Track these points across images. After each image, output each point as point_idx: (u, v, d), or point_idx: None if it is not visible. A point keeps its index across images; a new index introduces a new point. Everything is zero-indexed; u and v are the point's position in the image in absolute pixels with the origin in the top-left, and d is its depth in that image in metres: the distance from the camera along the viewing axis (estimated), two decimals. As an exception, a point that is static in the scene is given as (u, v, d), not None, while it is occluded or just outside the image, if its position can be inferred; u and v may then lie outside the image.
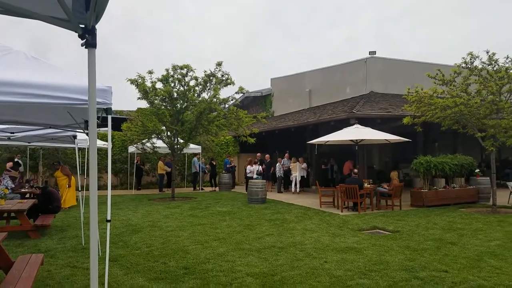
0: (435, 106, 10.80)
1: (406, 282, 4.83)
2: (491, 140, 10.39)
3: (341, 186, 11.24)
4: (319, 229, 8.30)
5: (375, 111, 13.74)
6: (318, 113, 16.88)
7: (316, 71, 20.72)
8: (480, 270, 5.28)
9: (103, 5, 2.14)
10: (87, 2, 2.21)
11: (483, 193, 12.34)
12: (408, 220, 9.27)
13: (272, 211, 11.05)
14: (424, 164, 11.92)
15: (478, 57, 10.38)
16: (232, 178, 18.58)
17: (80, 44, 2.37)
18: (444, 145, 17.25)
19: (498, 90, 10.12)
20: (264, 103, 25.09)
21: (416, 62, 17.54)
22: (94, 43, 2.36)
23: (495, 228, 8.11)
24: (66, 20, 2.24)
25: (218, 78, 13.39)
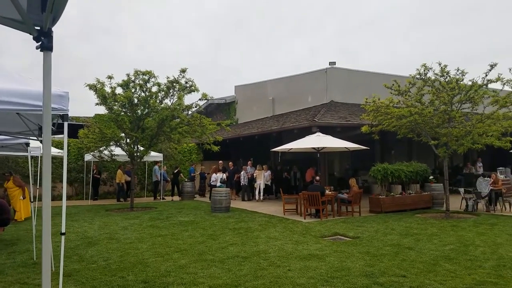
0: (391, 115, 11.26)
1: (367, 288, 4.94)
2: (443, 148, 10.97)
3: (303, 193, 11.40)
4: (282, 237, 8.33)
5: (336, 119, 14.12)
6: (281, 121, 17.09)
7: (278, 79, 21.03)
8: (436, 274, 5.51)
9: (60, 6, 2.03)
10: (43, 3, 2.09)
11: (437, 199, 12.98)
12: (367, 226, 9.54)
13: (236, 219, 10.97)
14: (381, 171, 12.38)
15: (431, 68, 10.96)
16: (201, 185, 18.32)
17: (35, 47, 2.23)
18: (400, 153, 18.02)
19: (449, 100, 10.73)
20: (228, 110, 25.06)
21: (374, 73, 18.26)
22: (50, 46, 2.23)
23: (448, 233, 8.53)
24: (20, 22, 2.10)
25: (181, 85, 13.20)
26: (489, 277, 5.28)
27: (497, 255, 6.42)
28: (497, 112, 10.86)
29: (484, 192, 12.11)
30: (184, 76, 13.07)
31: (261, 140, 17.74)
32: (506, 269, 5.63)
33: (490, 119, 10.70)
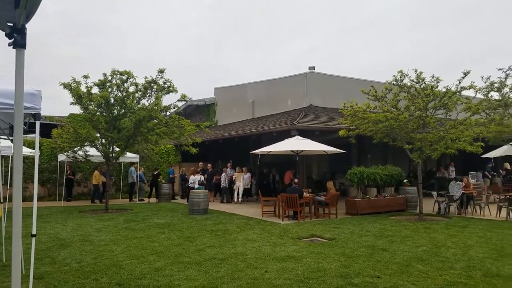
0: (368, 120, 11.50)
1: (343, 289, 5.02)
2: (418, 153, 11.27)
3: (282, 196, 11.47)
4: (260, 239, 8.35)
5: (314, 123, 14.30)
6: (261, 124, 17.15)
7: (259, 83, 21.11)
8: (409, 275, 5.65)
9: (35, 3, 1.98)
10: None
11: (410, 201, 13.32)
12: (343, 228, 9.68)
13: (213, 222, 10.92)
14: (358, 175, 12.62)
15: (407, 75, 11.26)
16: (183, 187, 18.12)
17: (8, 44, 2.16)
18: (376, 157, 18.41)
19: (424, 106, 11.05)
20: (208, 112, 24.94)
21: (352, 78, 18.59)
22: (23, 43, 2.17)
23: (421, 235, 8.76)
24: (-9, 17, 2.04)
25: (159, 85, 13.05)
26: (459, 277, 5.46)
27: (468, 257, 6.64)
28: (470, 118, 11.26)
29: (456, 195, 12.51)
30: (162, 76, 12.93)
31: (241, 143, 17.75)
32: (476, 270, 5.83)
33: (463, 125, 11.09)
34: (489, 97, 13.94)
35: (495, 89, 13.83)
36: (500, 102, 13.68)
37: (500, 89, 13.76)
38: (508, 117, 13.65)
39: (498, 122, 13.26)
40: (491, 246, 7.46)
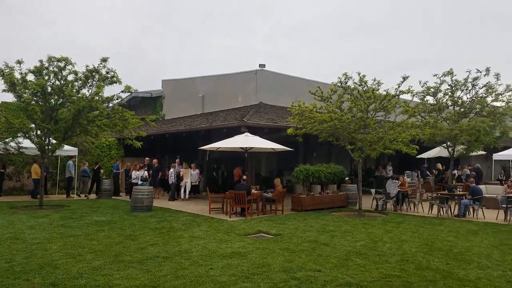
0: (314, 119, 11.83)
1: (285, 283, 5.12)
2: (358, 152, 11.82)
3: (230, 192, 11.46)
4: (206, 236, 8.27)
5: (264, 121, 14.43)
6: (210, 119, 16.97)
7: (209, 77, 20.86)
8: (348, 268, 5.91)
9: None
10: None
11: (351, 198, 13.94)
12: (288, 224, 9.90)
13: (158, 219, 10.61)
14: (304, 172, 12.98)
15: (351, 77, 11.75)
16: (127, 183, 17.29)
17: None
18: (321, 155, 19.03)
19: (366, 108, 11.60)
20: (154, 105, 24.18)
21: (300, 78, 19.04)
22: None
23: (360, 230, 9.20)
24: None
25: (102, 75, 12.37)
26: (394, 271, 5.80)
27: (402, 251, 7.08)
28: (407, 121, 12.02)
29: (393, 193, 13.31)
30: (105, 65, 12.28)
31: (189, 138, 17.44)
32: (409, 263, 6.23)
33: (400, 127, 11.79)
34: (424, 101, 14.95)
35: (431, 94, 14.87)
36: (435, 106, 14.74)
37: (435, 94, 14.82)
38: (441, 121, 14.74)
39: (432, 125, 14.27)
40: (423, 241, 8.02)
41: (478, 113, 14.41)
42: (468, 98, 14.57)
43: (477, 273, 5.64)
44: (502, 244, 7.69)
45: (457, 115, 14.50)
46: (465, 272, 5.71)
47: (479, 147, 14.58)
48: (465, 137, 13.92)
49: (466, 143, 14.48)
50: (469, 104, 14.47)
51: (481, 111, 14.33)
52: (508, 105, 14.17)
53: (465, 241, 8.00)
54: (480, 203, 11.79)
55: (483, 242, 7.85)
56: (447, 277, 5.47)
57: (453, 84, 14.50)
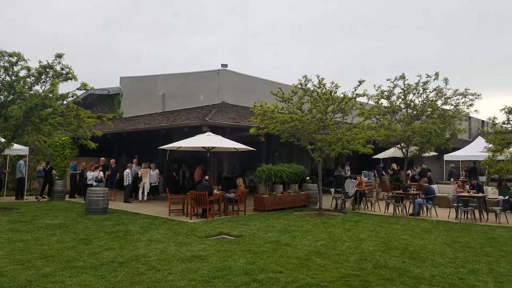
0: (276, 120, 11.92)
1: (246, 286, 5.06)
2: (318, 152, 12.03)
3: (191, 193, 11.24)
4: (165, 239, 8.03)
5: (226, 120, 14.31)
6: (171, 118, 16.57)
7: (170, 75, 20.39)
8: (309, 268, 5.95)
9: None
10: None
11: (312, 197, 14.17)
12: (251, 225, 9.86)
13: (114, 222, 10.19)
14: (266, 172, 13.01)
15: (310, 80, 11.97)
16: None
17: None
18: (283, 155, 19.21)
19: (324, 110, 11.85)
20: (112, 103, 23.28)
21: (262, 79, 19.09)
22: None
23: (321, 229, 9.35)
24: None
25: (56, 71, 11.70)
26: (353, 270, 5.92)
27: (360, 250, 7.25)
28: (363, 122, 12.41)
29: (351, 192, 13.67)
30: (60, 61, 11.63)
31: (149, 137, 16.93)
32: (367, 262, 6.38)
33: (357, 128, 12.17)
34: (379, 104, 15.54)
35: (385, 97, 15.47)
36: (389, 109, 15.35)
37: (389, 97, 15.42)
38: (395, 123, 15.37)
39: (387, 127, 14.86)
40: (380, 239, 8.28)
41: (429, 116, 15.14)
42: (419, 101, 15.28)
43: (432, 271, 5.88)
44: (454, 241, 8.10)
45: (409, 118, 15.15)
46: (420, 270, 5.94)
47: (431, 148, 15.32)
48: (417, 138, 14.59)
49: (419, 144, 15.17)
50: (421, 107, 15.18)
51: (432, 114, 15.08)
52: (456, 108, 15.00)
53: (419, 239, 8.35)
54: (433, 202, 12.40)
55: (437, 240, 8.23)
56: (403, 275, 5.66)
57: (406, 88, 15.15)
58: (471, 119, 30.45)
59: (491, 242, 7.98)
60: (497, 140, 9.01)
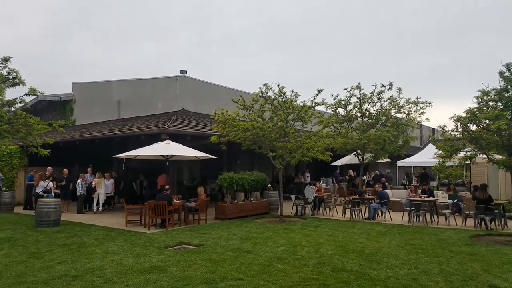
0: (237, 128, 11.94)
1: (208, 295, 4.98)
2: (279, 160, 12.19)
3: (149, 203, 10.93)
4: (122, 251, 7.74)
5: (186, 128, 14.12)
6: (127, 126, 16.08)
7: (126, 81, 19.83)
8: (270, 274, 5.97)
9: None
10: None
11: (273, 204, 14.28)
12: (212, 233, 9.75)
13: (67, 234, 9.67)
14: (228, 180, 12.96)
15: (271, 88, 12.13)
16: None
17: None
18: (245, 163, 19.24)
19: (285, 118, 12.04)
20: (64, 110, 22.24)
21: (223, 87, 19.08)
22: None
23: (281, 235, 9.43)
24: None
25: (2, 76, 11.01)
26: (312, 274, 6.01)
27: (319, 254, 7.39)
28: (321, 130, 12.76)
29: (310, 198, 13.95)
30: (6, 65, 10.97)
31: (103, 145, 16.31)
32: (326, 266, 6.51)
33: (316, 136, 12.49)
34: (336, 113, 16.06)
35: (342, 106, 16.01)
36: (345, 117, 15.91)
37: (345, 106, 15.98)
38: (351, 131, 15.93)
39: (344, 134, 15.37)
40: (338, 243, 8.49)
41: (383, 124, 15.84)
42: (374, 110, 15.97)
43: (387, 273, 6.11)
44: (407, 244, 8.46)
45: (365, 126, 15.77)
46: (376, 272, 6.15)
47: (385, 155, 16.02)
48: (372, 145, 15.21)
49: (374, 151, 15.81)
50: (376, 115, 15.86)
51: (386, 122, 15.79)
52: (408, 116, 15.81)
53: (375, 242, 8.65)
54: (387, 207, 12.93)
55: (391, 243, 8.56)
56: (360, 277, 5.83)
57: (361, 97, 15.78)
58: (423, 127, 32.16)
59: (442, 244, 8.42)
60: (446, 147, 9.55)
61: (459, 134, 9.44)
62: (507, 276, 5.81)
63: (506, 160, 8.67)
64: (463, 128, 9.13)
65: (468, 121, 8.96)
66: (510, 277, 5.76)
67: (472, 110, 8.90)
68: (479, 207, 10.40)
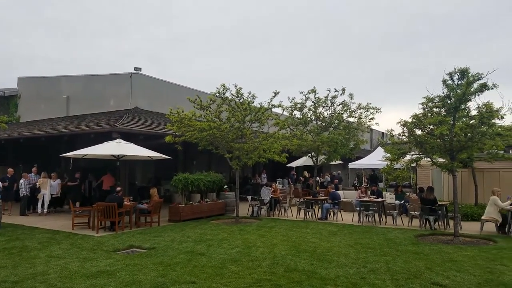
0: (194, 127, 11.75)
1: (158, 300, 4.84)
2: (236, 160, 12.16)
3: (98, 205, 10.45)
4: (68, 255, 7.33)
5: (139, 127, 13.67)
6: (76, 123, 15.29)
7: (76, 77, 18.90)
8: (223, 276, 5.92)
9: None
10: None
11: (229, 206, 14.22)
12: (164, 236, 9.50)
13: (7, 238, 9.02)
14: (182, 181, 12.72)
15: (229, 89, 12.10)
16: None
17: None
18: (201, 163, 19.00)
19: (242, 119, 12.04)
20: (7, 105, 20.75)
21: (180, 85, 18.73)
22: None
23: (236, 237, 9.40)
24: None
25: None
26: (265, 275, 6.04)
27: (273, 255, 7.45)
28: (278, 132, 12.91)
29: (266, 199, 14.06)
30: None
31: (50, 144, 15.40)
32: (279, 266, 6.57)
33: (273, 138, 12.61)
34: (292, 115, 16.37)
35: (298, 109, 16.34)
36: (301, 120, 16.25)
37: (301, 109, 16.33)
38: (306, 133, 16.29)
39: (299, 137, 15.68)
40: (291, 243, 8.61)
41: (336, 127, 16.37)
42: (328, 114, 16.47)
43: (337, 272, 6.28)
44: (357, 243, 8.76)
45: (319, 129, 16.22)
46: (327, 271, 6.30)
47: (337, 157, 16.54)
48: (325, 148, 15.66)
49: (327, 153, 16.28)
50: (329, 119, 16.37)
51: (339, 126, 16.34)
52: (359, 120, 16.46)
53: (326, 242, 8.88)
54: (339, 207, 13.33)
55: (342, 242, 8.83)
56: (311, 277, 5.94)
57: (316, 101, 16.21)
58: (373, 131, 33.63)
59: (389, 243, 8.81)
60: (393, 150, 10.03)
61: (405, 138, 9.94)
62: (448, 274, 6.18)
63: (448, 163, 9.26)
64: (409, 132, 9.64)
65: (414, 126, 9.48)
66: (451, 275, 6.12)
67: (417, 116, 9.42)
68: (424, 208, 11.01)
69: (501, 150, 10.70)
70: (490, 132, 8.82)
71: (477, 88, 8.77)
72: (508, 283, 5.64)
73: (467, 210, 12.38)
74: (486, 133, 8.83)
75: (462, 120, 9.14)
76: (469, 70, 8.87)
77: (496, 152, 10.53)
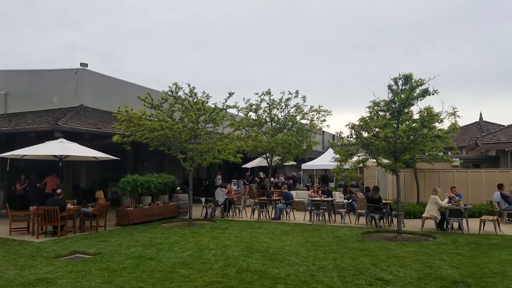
0: (144, 127, 11.35)
1: (102, 308, 4.58)
2: (190, 161, 11.92)
3: (38, 209, 9.76)
4: (3, 263, 6.79)
5: (84, 125, 12.99)
6: (14, 121, 14.22)
7: (15, 72, 17.60)
8: (172, 281, 5.75)
9: None
10: None
11: (182, 208, 13.91)
12: (111, 241, 9.08)
13: None
14: (131, 183, 12.24)
15: (182, 88, 11.84)
16: None
17: None
18: (153, 165, 18.43)
19: (196, 119, 11.84)
20: None
21: (130, 83, 18.05)
22: None
23: (188, 240, 9.20)
24: None
25: None
26: (216, 277, 5.95)
27: (225, 256, 7.37)
28: (233, 133, 12.85)
29: (221, 200, 13.94)
30: None
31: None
32: (231, 267, 6.51)
33: (228, 139, 12.53)
34: (248, 117, 16.41)
35: (253, 110, 16.42)
36: (256, 121, 16.34)
37: (256, 110, 16.43)
38: (261, 135, 16.41)
39: (254, 138, 15.75)
40: (245, 244, 8.59)
41: (290, 129, 16.65)
42: (282, 116, 16.71)
43: (287, 270, 6.34)
44: (307, 241, 8.93)
45: (273, 130, 16.41)
46: (278, 270, 6.34)
47: (291, 158, 16.83)
48: (279, 149, 15.87)
49: (281, 154, 16.50)
50: (283, 121, 16.61)
51: (292, 127, 16.63)
52: (311, 122, 16.87)
53: (279, 241, 8.97)
54: (292, 207, 13.54)
55: (293, 241, 8.96)
56: (263, 277, 5.95)
57: (271, 103, 16.40)
58: (324, 133, 34.65)
59: (337, 241, 9.07)
60: (342, 152, 10.39)
61: (353, 140, 10.33)
62: (392, 269, 6.47)
63: (392, 164, 9.74)
64: (357, 135, 10.03)
65: (361, 128, 9.88)
66: (394, 270, 6.41)
67: (364, 119, 9.82)
68: (370, 206, 11.50)
69: (441, 152, 11.46)
70: (430, 135, 9.39)
71: (419, 93, 9.32)
72: (445, 277, 6.02)
73: (409, 208, 13.09)
74: (427, 135, 9.39)
75: (405, 123, 9.65)
76: (413, 75, 9.40)
77: (436, 153, 11.25)
